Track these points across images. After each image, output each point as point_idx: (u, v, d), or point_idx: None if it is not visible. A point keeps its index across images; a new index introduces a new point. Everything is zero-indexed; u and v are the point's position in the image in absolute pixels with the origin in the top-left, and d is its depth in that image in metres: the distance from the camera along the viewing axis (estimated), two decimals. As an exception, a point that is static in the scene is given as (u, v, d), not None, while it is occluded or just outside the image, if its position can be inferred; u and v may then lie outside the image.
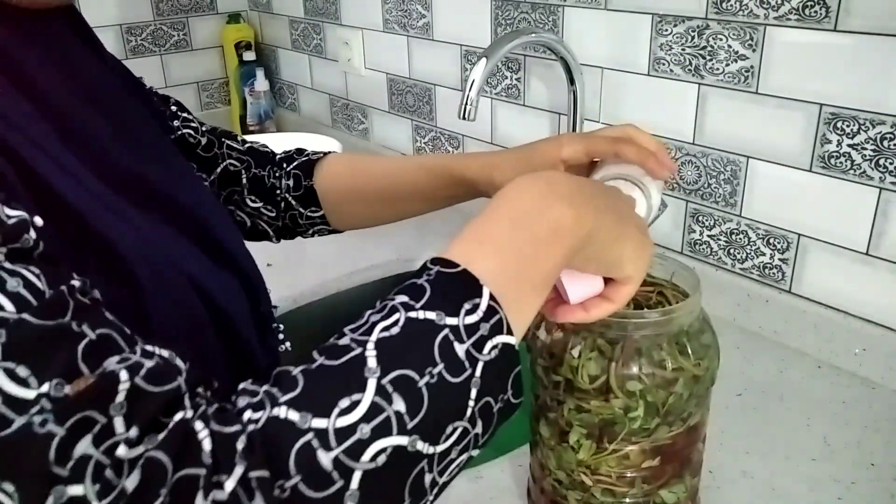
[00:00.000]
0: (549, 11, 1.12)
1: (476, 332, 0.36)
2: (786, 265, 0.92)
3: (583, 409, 0.57)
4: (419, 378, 0.35)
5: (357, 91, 1.60)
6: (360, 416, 0.33)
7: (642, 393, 0.55)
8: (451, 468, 0.36)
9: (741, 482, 0.71)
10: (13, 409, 0.29)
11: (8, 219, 0.32)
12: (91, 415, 0.30)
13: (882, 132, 0.80)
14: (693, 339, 0.56)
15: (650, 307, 0.59)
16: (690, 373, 0.56)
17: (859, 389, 0.84)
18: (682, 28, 0.95)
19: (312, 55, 1.70)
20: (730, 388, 0.84)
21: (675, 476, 0.60)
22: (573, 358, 0.56)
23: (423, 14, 1.35)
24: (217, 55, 1.87)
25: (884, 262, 0.83)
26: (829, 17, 0.81)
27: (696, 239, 1.01)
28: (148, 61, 1.77)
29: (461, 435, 0.36)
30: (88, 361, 0.31)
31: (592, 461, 0.58)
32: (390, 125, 1.54)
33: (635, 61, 1.02)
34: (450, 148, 1.40)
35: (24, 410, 0.29)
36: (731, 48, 0.90)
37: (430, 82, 1.39)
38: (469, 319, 0.36)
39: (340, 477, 0.32)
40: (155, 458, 0.30)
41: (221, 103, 1.91)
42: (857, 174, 0.83)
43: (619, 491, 0.59)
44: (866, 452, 0.74)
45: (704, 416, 0.60)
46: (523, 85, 1.20)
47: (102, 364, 0.31)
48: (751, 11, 0.87)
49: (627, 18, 1.01)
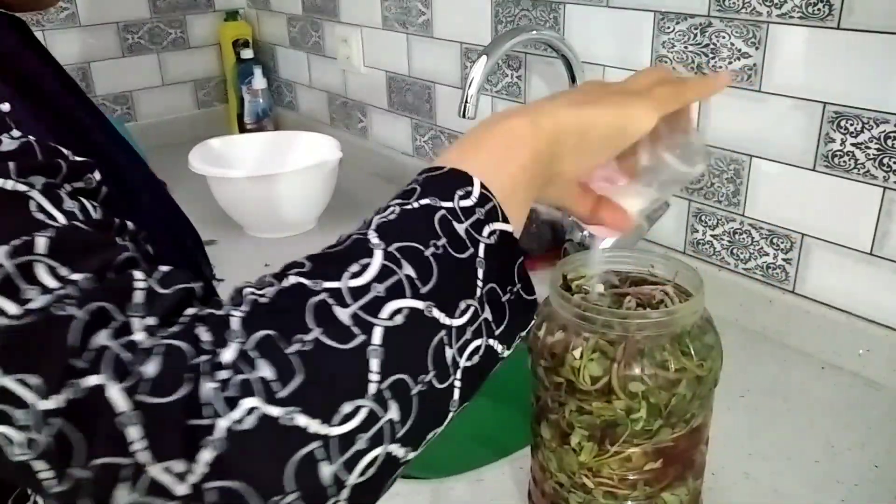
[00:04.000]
0: (550, 8, 1.11)
1: (473, 215, 0.37)
2: (789, 265, 0.92)
3: (584, 410, 0.56)
4: (425, 248, 0.35)
5: (356, 89, 1.60)
6: (372, 278, 0.33)
7: (644, 394, 0.54)
8: (468, 349, 0.36)
9: (744, 484, 0.71)
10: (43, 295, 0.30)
11: (74, 159, 0.36)
12: (109, 308, 0.31)
13: (886, 131, 0.79)
14: (696, 340, 0.56)
15: (653, 307, 0.58)
16: (693, 373, 0.55)
17: (863, 390, 0.84)
18: (685, 26, 0.94)
19: (311, 53, 1.69)
20: (733, 389, 0.83)
21: (677, 478, 0.59)
22: (575, 359, 0.55)
23: (422, 11, 1.34)
24: (214, 53, 1.87)
25: (888, 262, 0.83)
26: (833, 15, 0.80)
27: (699, 239, 1.01)
28: (145, 59, 1.77)
29: (473, 315, 0.36)
30: (118, 271, 0.33)
31: (594, 463, 0.58)
32: (389, 124, 1.53)
33: (637, 59, 1.01)
34: (449, 146, 1.40)
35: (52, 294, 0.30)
36: (734, 46, 0.90)
37: (430, 80, 1.39)
38: (464, 203, 0.37)
39: (361, 332, 0.32)
40: (172, 345, 0.30)
41: (219, 101, 1.91)
42: (861, 173, 0.82)
43: (620, 493, 0.58)
44: (870, 454, 0.74)
45: (707, 418, 0.60)
46: (524, 83, 1.19)
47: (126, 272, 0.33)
48: (753, 9, 0.87)
49: (629, 16, 1.00)
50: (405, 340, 0.33)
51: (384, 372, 0.32)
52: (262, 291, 0.34)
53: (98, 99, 1.72)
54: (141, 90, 1.78)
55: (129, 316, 0.31)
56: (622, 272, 0.62)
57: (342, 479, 0.31)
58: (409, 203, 0.37)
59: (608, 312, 0.54)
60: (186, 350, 0.31)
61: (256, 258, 1.19)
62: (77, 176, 0.37)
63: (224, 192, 1.28)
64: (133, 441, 0.28)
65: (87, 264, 0.32)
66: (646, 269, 0.61)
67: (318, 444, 0.30)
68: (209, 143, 1.37)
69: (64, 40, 1.65)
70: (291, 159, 1.38)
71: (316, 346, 0.31)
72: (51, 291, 0.31)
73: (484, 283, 0.37)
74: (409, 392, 0.33)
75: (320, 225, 1.34)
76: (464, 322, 0.35)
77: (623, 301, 0.58)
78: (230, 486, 0.29)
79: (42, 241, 0.32)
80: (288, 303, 0.33)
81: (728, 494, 0.69)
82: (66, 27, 1.64)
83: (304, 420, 0.30)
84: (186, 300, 0.34)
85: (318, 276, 0.34)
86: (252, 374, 0.30)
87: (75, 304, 0.30)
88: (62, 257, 0.32)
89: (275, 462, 0.29)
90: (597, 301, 0.58)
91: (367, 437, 0.32)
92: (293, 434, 0.30)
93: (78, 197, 0.36)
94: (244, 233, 1.32)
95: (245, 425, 0.29)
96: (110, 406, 0.29)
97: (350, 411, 0.31)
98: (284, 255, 0.38)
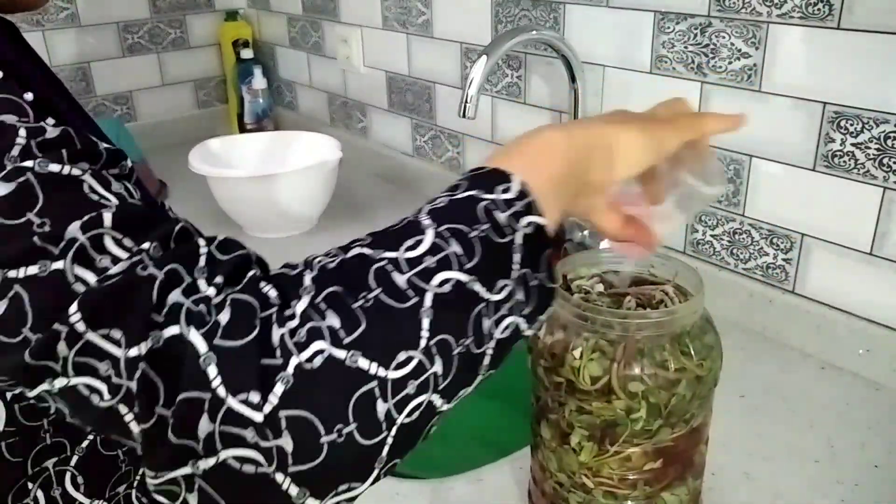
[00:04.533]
0: (550, 9, 1.11)
1: (512, 207, 0.41)
2: (789, 265, 0.92)
3: (584, 410, 0.56)
4: (470, 231, 0.39)
5: (356, 89, 1.59)
6: (425, 251, 0.38)
7: (644, 394, 0.54)
8: (502, 325, 0.39)
9: (744, 484, 0.71)
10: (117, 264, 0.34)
11: (108, 147, 0.40)
12: (180, 270, 0.35)
13: (886, 131, 0.79)
14: (696, 340, 0.56)
15: (653, 307, 0.58)
16: (693, 373, 0.55)
17: (863, 390, 0.84)
18: (685, 25, 0.94)
19: (311, 53, 1.69)
20: (732, 389, 0.83)
21: (677, 478, 0.59)
22: (574, 359, 0.55)
23: (422, 11, 1.34)
24: (214, 53, 1.87)
25: (888, 262, 0.83)
26: (833, 15, 0.80)
27: (699, 239, 1.01)
28: (145, 59, 1.77)
29: (509, 294, 0.39)
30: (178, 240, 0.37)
31: (594, 463, 0.58)
32: (390, 123, 1.53)
33: (637, 59, 1.01)
34: (449, 146, 1.40)
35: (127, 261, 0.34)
36: (734, 46, 0.90)
37: (430, 80, 1.39)
38: (505, 196, 0.41)
39: (416, 295, 0.36)
40: (241, 299, 0.35)
41: (219, 101, 1.91)
42: (861, 173, 0.82)
43: (620, 493, 0.58)
44: (870, 454, 0.74)
45: (707, 418, 0.60)
46: (524, 83, 1.19)
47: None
48: (753, 9, 0.87)
49: (629, 16, 1.00)
50: (451, 306, 0.37)
51: (433, 330, 0.36)
52: (330, 259, 0.38)
53: (98, 99, 1.72)
54: (141, 90, 1.78)
55: (197, 277, 0.35)
56: (622, 272, 0.62)
57: (393, 416, 0.35)
58: (456, 195, 0.41)
59: (608, 312, 0.54)
60: (254, 303, 0.35)
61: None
62: (114, 162, 0.40)
63: (224, 191, 1.28)
64: (212, 378, 0.32)
65: (152, 235, 0.36)
66: (646, 269, 0.61)
67: (375, 384, 0.34)
68: (209, 143, 1.37)
69: (64, 40, 1.65)
70: (291, 159, 1.38)
71: (377, 302, 0.36)
72: (123, 260, 0.34)
73: (520, 267, 0.40)
74: (452, 351, 0.37)
75: (320, 225, 1.34)
76: (500, 298, 0.39)
77: (623, 301, 0.58)
78: (299, 414, 0.33)
79: (107, 216, 0.35)
80: (353, 267, 0.37)
81: (728, 494, 0.69)
82: (66, 27, 1.64)
83: (365, 363, 0.34)
84: (245, 264, 0.38)
85: (379, 247, 0.38)
86: (322, 323, 0.34)
87: (153, 267, 0.34)
88: (127, 230, 0.36)
89: (339, 396, 0.34)
90: (597, 299, 0.58)
91: (417, 384, 0.36)
92: (355, 373, 0.34)
93: (121, 180, 0.39)
94: (244, 233, 1.32)
95: (314, 364, 0.33)
96: (190, 349, 0.33)
97: (404, 359, 0.35)
98: (284, 255, 0.40)
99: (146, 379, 0.33)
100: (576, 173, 0.46)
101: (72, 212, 0.35)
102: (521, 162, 0.44)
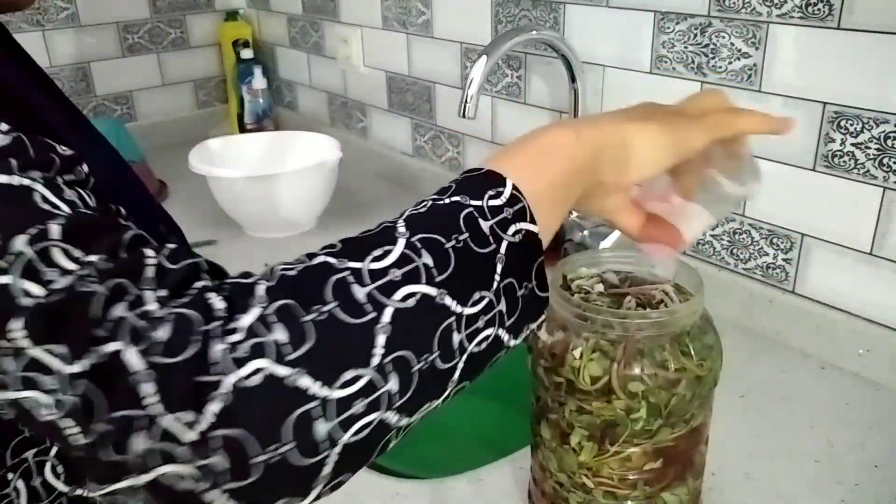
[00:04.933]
0: (550, 9, 1.11)
1: (500, 214, 0.40)
2: (789, 265, 0.92)
3: (584, 410, 0.56)
4: (446, 241, 0.38)
5: (356, 89, 1.59)
6: (392, 262, 0.37)
7: (644, 394, 0.54)
8: (478, 337, 0.38)
9: (744, 484, 0.71)
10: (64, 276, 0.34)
11: (63, 152, 0.39)
12: (125, 284, 0.34)
13: (886, 131, 0.79)
14: (696, 340, 0.56)
15: (653, 307, 0.58)
16: (693, 373, 0.55)
17: (863, 390, 0.84)
18: (685, 25, 0.94)
19: (311, 53, 1.69)
20: (732, 389, 0.83)
21: (677, 478, 0.59)
22: (574, 359, 0.55)
23: (422, 11, 1.34)
24: (214, 53, 1.87)
25: (888, 262, 0.83)
26: (833, 15, 0.80)
27: (699, 239, 1.01)
28: (145, 59, 1.77)
29: (487, 305, 0.39)
30: (128, 249, 0.36)
31: (594, 463, 0.58)
32: (390, 123, 1.53)
33: (637, 59, 1.01)
34: (449, 146, 1.40)
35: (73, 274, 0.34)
36: (734, 46, 0.90)
37: (430, 80, 1.39)
38: (493, 202, 0.40)
39: (374, 309, 0.35)
40: (183, 313, 0.34)
41: (219, 102, 1.91)
42: (861, 173, 0.82)
43: (620, 493, 0.58)
44: (870, 454, 0.74)
45: (707, 418, 0.60)
46: (524, 83, 1.19)
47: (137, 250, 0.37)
48: (753, 9, 0.87)
49: (629, 16, 1.00)
50: (413, 321, 0.36)
51: (390, 347, 0.35)
52: (291, 267, 0.37)
53: (98, 99, 1.72)
54: (141, 90, 1.78)
55: (143, 289, 0.34)
56: (622, 272, 0.62)
57: (335, 436, 0.34)
58: (441, 199, 0.40)
59: (608, 312, 0.54)
60: (195, 317, 0.33)
61: (256, 258, 1.19)
62: (69, 168, 0.39)
63: (224, 191, 1.28)
64: (146, 396, 0.32)
65: (100, 245, 0.35)
66: (646, 269, 0.61)
67: (316, 404, 0.33)
68: (209, 144, 1.37)
69: (64, 40, 1.65)
70: (291, 159, 1.37)
71: (329, 317, 0.34)
72: (70, 272, 0.34)
73: (502, 278, 0.39)
74: (411, 368, 0.36)
75: (320, 225, 1.34)
76: (476, 311, 0.38)
77: (623, 301, 0.58)
78: (234, 433, 0.32)
79: (55, 227, 0.35)
80: (312, 277, 0.36)
81: (728, 494, 0.69)
82: (66, 27, 1.64)
83: (307, 381, 0.33)
84: (194, 274, 0.37)
85: (344, 256, 0.37)
86: (267, 338, 0.33)
87: (96, 281, 0.33)
88: (76, 241, 0.35)
89: (275, 415, 0.33)
90: (597, 299, 0.58)
91: (366, 403, 0.35)
92: (294, 393, 0.33)
93: (74, 187, 0.38)
94: (244, 233, 1.32)
95: (252, 382, 0.32)
96: (127, 366, 0.32)
97: (351, 378, 0.34)
98: (284, 256, 0.39)
99: (86, 395, 0.32)
100: (585, 174, 0.45)
101: (19, 224, 0.34)
102: (520, 163, 0.43)
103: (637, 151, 0.46)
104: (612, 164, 0.46)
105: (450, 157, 1.41)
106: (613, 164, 0.46)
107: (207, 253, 1.19)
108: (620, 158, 0.46)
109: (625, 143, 0.46)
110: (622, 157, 0.46)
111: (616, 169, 0.46)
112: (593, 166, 0.45)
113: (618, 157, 0.46)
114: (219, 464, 0.32)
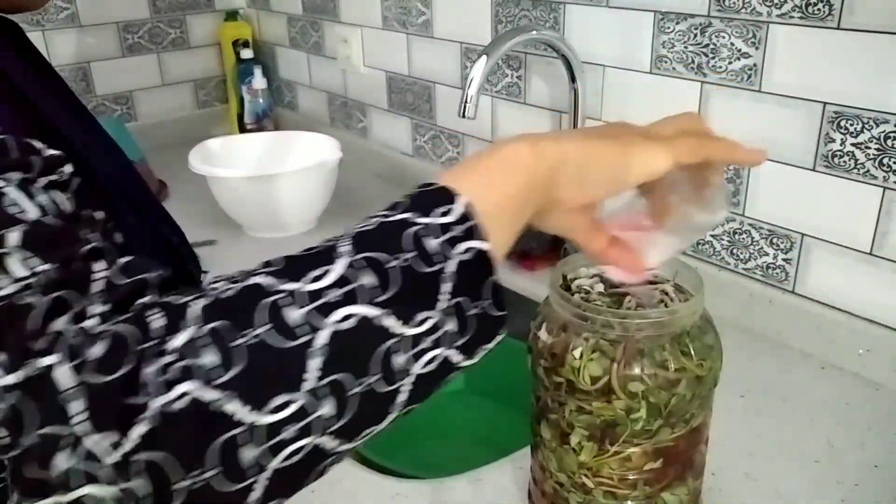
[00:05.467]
0: (550, 9, 1.11)
1: (448, 232, 0.39)
2: (789, 265, 0.92)
3: (584, 410, 0.56)
4: (389, 260, 0.37)
5: (356, 89, 1.59)
6: (331, 282, 0.36)
7: (644, 394, 0.54)
8: (424, 358, 0.38)
9: (744, 484, 0.71)
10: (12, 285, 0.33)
11: (46, 151, 0.39)
12: (69, 297, 0.34)
13: (886, 131, 0.79)
14: (696, 340, 0.56)
15: (653, 307, 0.58)
16: (693, 373, 0.55)
17: (863, 390, 0.84)
18: (685, 25, 0.94)
19: (311, 53, 1.69)
20: (732, 389, 0.83)
21: (677, 478, 0.59)
22: (574, 359, 0.55)
23: (422, 11, 1.34)
24: (214, 53, 1.87)
25: (888, 262, 0.83)
26: (833, 15, 0.80)
27: (699, 239, 1.01)
28: (145, 59, 1.77)
29: (433, 327, 0.38)
30: (82, 261, 0.36)
31: (594, 463, 0.58)
32: (390, 124, 1.53)
33: (637, 59, 1.01)
34: (449, 146, 1.40)
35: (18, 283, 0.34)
36: (734, 46, 0.90)
37: (430, 80, 1.39)
38: (442, 220, 0.39)
39: (309, 332, 0.34)
40: (119, 331, 0.33)
41: (219, 102, 1.91)
42: (861, 173, 0.82)
43: (620, 493, 0.58)
44: (870, 454, 0.74)
45: (707, 418, 0.60)
46: (524, 83, 1.19)
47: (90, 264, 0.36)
48: (753, 9, 0.87)
49: (629, 16, 1.00)
50: (350, 343, 0.35)
51: (325, 370, 0.34)
52: (229, 286, 0.36)
53: (98, 99, 1.72)
54: (141, 90, 1.78)
55: (86, 304, 0.34)
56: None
57: (264, 462, 0.34)
58: (390, 216, 0.40)
59: (608, 312, 0.54)
60: (132, 335, 0.33)
61: (256, 258, 1.17)
62: (50, 170, 0.39)
63: (224, 191, 1.28)
64: (74, 414, 0.32)
65: (55, 255, 0.35)
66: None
67: (242, 430, 0.33)
68: (209, 144, 1.37)
69: (64, 40, 1.65)
70: (291, 159, 1.38)
71: (261, 340, 0.34)
72: (20, 280, 0.34)
73: (452, 297, 0.38)
74: (347, 392, 0.35)
75: (320, 225, 1.34)
76: (420, 332, 0.37)
77: (623, 301, 0.58)
78: (157, 457, 0.32)
79: (15, 235, 0.35)
80: (246, 299, 0.35)
81: (728, 494, 0.69)
82: (66, 27, 1.64)
83: (235, 406, 0.33)
84: (140, 290, 0.37)
85: (282, 276, 0.36)
86: (195, 361, 0.33)
87: (39, 293, 0.33)
88: (34, 249, 0.35)
89: (199, 441, 0.32)
90: (597, 299, 0.58)
91: (297, 428, 0.34)
92: (220, 418, 0.33)
93: (51, 190, 0.38)
94: (244, 233, 1.32)
95: (177, 406, 0.32)
96: (57, 383, 0.32)
97: (281, 403, 0.34)
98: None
99: (17, 408, 0.32)
100: (542, 189, 0.44)
101: None
102: (475, 179, 0.42)
103: (594, 170, 0.45)
104: (570, 180, 0.45)
105: (450, 157, 1.41)
106: (571, 182, 0.45)
107: (207, 253, 1.19)
108: (578, 176, 0.45)
109: (583, 162, 0.45)
110: (580, 174, 0.45)
111: (573, 186, 0.45)
112: (550, 182, 0.44)
113: (575, 175, 0.45)
114: (141, 488, 0.32)
